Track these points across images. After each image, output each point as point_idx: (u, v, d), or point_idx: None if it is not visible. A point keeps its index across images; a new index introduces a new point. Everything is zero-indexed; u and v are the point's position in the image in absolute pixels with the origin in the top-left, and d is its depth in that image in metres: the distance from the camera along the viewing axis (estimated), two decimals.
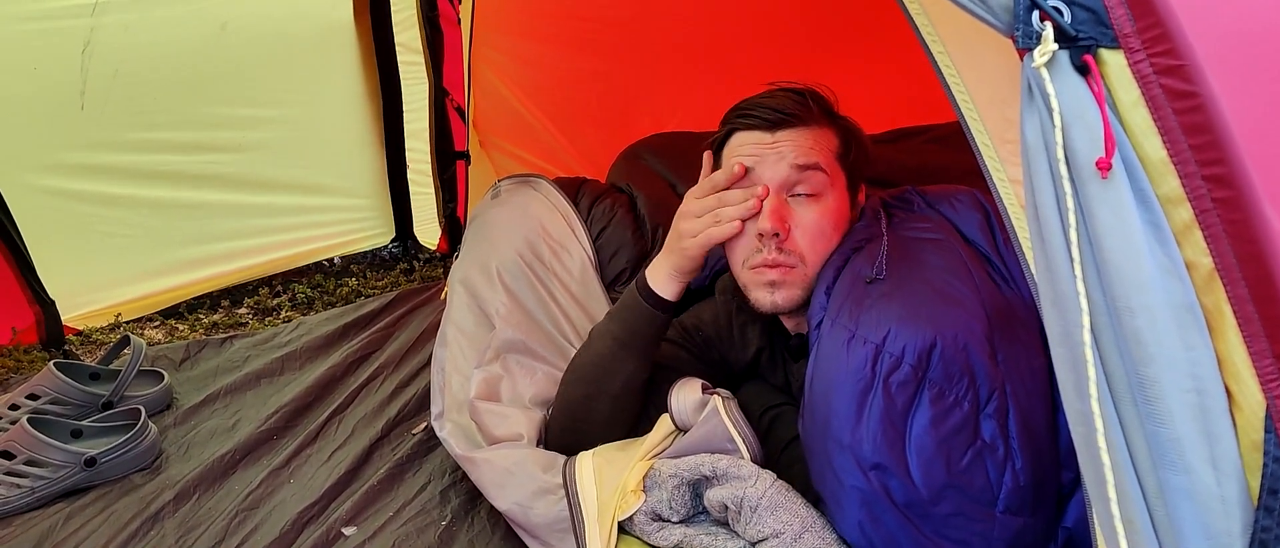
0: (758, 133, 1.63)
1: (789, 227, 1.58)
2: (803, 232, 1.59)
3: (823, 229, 1.60)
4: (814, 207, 1.60)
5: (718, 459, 1.55)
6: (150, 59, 2.74)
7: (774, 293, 1.61)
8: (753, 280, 1.63)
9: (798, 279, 1.60)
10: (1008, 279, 1.49)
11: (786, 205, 1.60)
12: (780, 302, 1.61)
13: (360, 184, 3.33)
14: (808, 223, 1.59)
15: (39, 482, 1.89)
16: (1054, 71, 0.97)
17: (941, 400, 1.36)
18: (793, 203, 1.60)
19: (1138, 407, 0.95)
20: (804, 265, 1.59)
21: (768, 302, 1.62)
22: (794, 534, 1.46)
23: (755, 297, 1.63)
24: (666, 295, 1.70)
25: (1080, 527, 1.39)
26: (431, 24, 3.14)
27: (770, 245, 1.58)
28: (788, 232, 1.58)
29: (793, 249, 1.58)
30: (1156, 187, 0.95)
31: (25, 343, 2.66)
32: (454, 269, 2.31)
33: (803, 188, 1.60)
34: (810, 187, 1.60)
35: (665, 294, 1.70)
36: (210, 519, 1.83)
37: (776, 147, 1.61)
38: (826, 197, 1.61)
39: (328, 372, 2.41)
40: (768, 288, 1.61)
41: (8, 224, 2.54)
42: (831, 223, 1.60)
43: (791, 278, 1.59)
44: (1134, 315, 0.93)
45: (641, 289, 1.71)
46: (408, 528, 1.78)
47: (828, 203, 1.61)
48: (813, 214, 1.60)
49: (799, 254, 1.59)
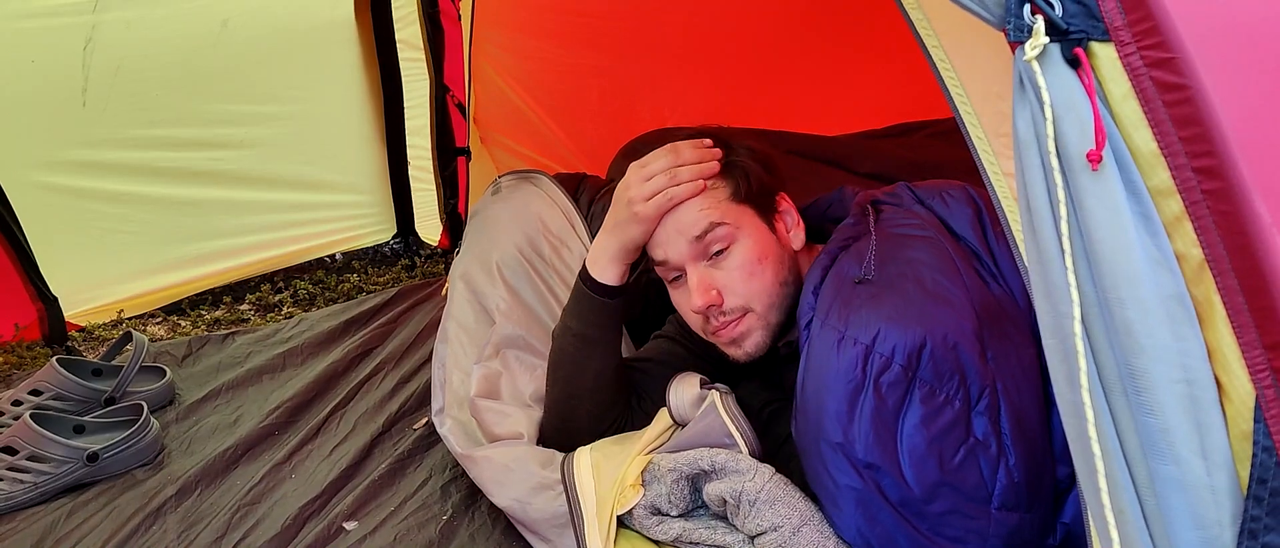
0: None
1: (718, 293, 1.59)
2: (733, 286, 1.59)
3: (750, 270, 1.60)
4: (732, 257, 1.60)
5: (716, 453, 1.56)
6: (152, 56, 2.75)
7: (741, 347, 1.63)
8: (718, 343, 1.66)
9: (755, 325, 1.61)
10: (997, 276, 1.49)
11: (708, 273, 1.60)
12: (752, 350, 1.63)
13: (361, 180, 3.34)
14: (733, 275, 1.60)
15: (42, 477, 1.90)
16: (1045, 64, 0.97)
17: (932, 400, 1.36)
18: (712, 266, 1.61)
19: (1128, 397, 0.95)
20: (754, 310, 1.60)
21: (741, 355, 1.64)
22: (792, 528, 1.47)
23: (730, 355, 1.66)
24: (609, 281, 1.69)
25: (1078, 522, 1.39)
26: (432, 20, 3.14)
27: (713, 314, 1.60)
28: (719, 298, 1.59)
29: (733, 305, 1.60)
30: (1147, 179, 0.95)
31: (28, 339, 2.68)
32: (455, 265, 2.31)
33: (713, 247, 1.60)
34: (719, 243, 1.60)
35: (608, 280, 1.69)
36: (212, 514, 1.84)
37: (673, 223, 1.61)
38: (739, 241, 1.61)
39: (329, 368, 2.42)
40: (733, 346, 1.64)
41: (10, 221, 2.55)
42: (756, 258, 1.60)
43: (748, 327, 1.61)
44: (1124, 307, 0.94)
45: (586, 280, 1.71)
46: (409, 523, 1.78)
47: (743, 246, 1.61)
48: (734, 263, 1.60)
49: (740, 306, 1.60)
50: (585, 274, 1.71)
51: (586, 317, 1.73)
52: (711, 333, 1.64)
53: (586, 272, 1.71)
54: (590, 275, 1.70)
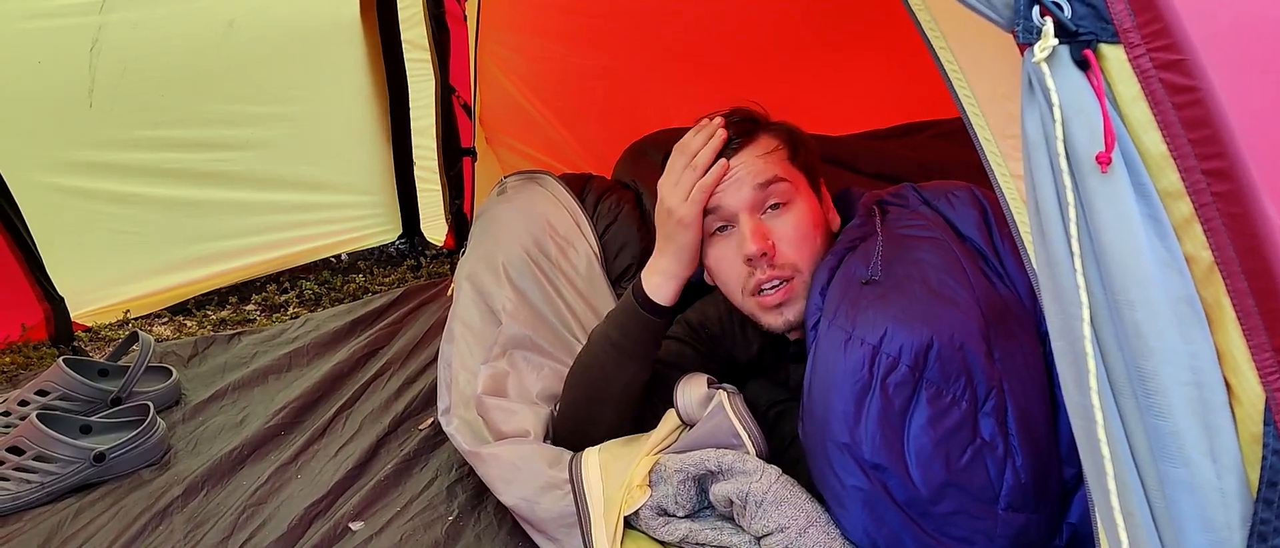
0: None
1: (773, 242, 1.58)
2: (787, 242, 1.59)
3: (804, 233, 1.60)
4: (788, 215, 1.60)
5: (723, 454, 1.56)
6: (158, 57, 2.75)
7: (784, 313, 1.61)
8: (758, 307, 1.62)
9: (799, 289, 1.59)
10: (1003, 276, 1.49)
11: (763, 223, 1.60)
12: (792, 318, 1.61)
13: (367, 181, 3.34)
14: (788, 232, 1.59)
15: (48, 477, 1.91)
16: (1054, 66, 0.97)
17: (939, 400, 1.36)
18: (767, 219, 1.60)
19: (1137, 400, 0.95)
20: (800, 273, 1.59)
21: (780, 322, 1.62)
22: (799, 529, 1.47)
23: (767, 321, 1.63)
24: (662, 301, 1.69)
25: (1084, 522, 1.40)
26: (438, 21, 3.14)
27: (762, 265, 1.58)
28: (773, 248, 1.58)
29: (784, 262, 1.59)
30: (1156, 181, 0.95)
31: (34, 339, 2.68)
32: (461, 265, 2.31)
33: (771, 201, 1.60)
34: (778, 197, 1.60)
35: (661, 300, 1.69)
36: (218, 514, 1.84)
37: (732, 173, 1.61)
38: (795, 202, 1.62)
39: (335, 368, 2.42)
40: (775, 311, 1.61)
41: (17, 221, 2.56)
42: (810, 223, 1.61)
43: (794, 291, 1.59)
44: (1134, 309, 0.94)
45: (639, 297, 1.71)
46: (414, 523, 1.79)
47: (799, 207, 1.62)
48: (790, 222, 1.60)
49: (791, 264, 1.59)
50: (639, 291, 1.70)
51: (629, 330, 1.72)
52: (752, 292, 1.61)
53: (641, 289, 1.70)
54: (644, 293, 1.70)
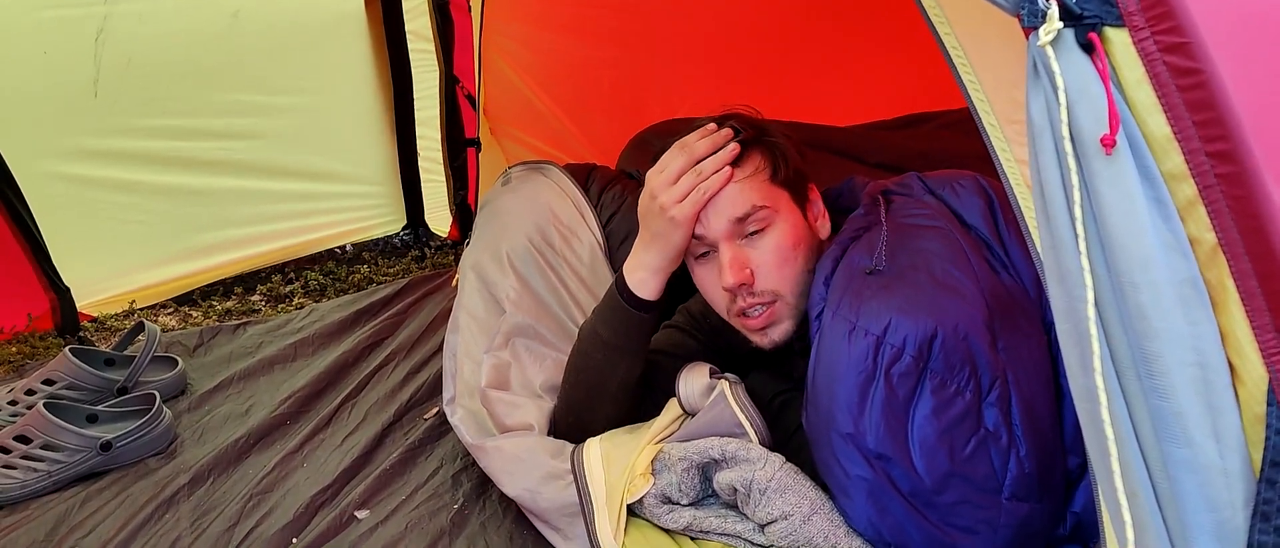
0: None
1: (750, 272, 1.56)
2: (766, 269, 1.57)
3: (784, 256, 1.57)
4: (767, 239, 1.58)
5: (727, 442, 1.56)
6: (163, 47, 2.76)
7: (769, 335, 1.61)
8: (744, 329, 1.62)
9: (783, 312, 1.59)
10: (1008, 266, 1.48)
11: (741, 251, 1.57)
12: (777, 338, 1.61)
13: (371, 171, 3.34)
14: (767, 258, 1.57)
15: (55, 466, 1.91)
16: (1059, 49, 0.97)
17: (943, 390, 1.36)
18: (746, 245, 1.58)
19: (1141, 381, 0.95)
20: (783, 296, 1.58)
21: (767, 342, 1.62)
22: (803, 516, 1.47)
23: (754, 342, 1.63)
24: (647, 296, 1.66)
25: (1088, 511, 1.40)
26: (442, 11, 3.14)
27: (742, 294, 1.57)
28: (751, 278, 1.56)
29: (764, 289, 1.57)
30: (1160, 163, 0.95)
31: (41, 329, 2.69)
32: (465, 256, 2.31)
33: (750, 227, 1.57)
34: (757, 225, 1.57)
35: (647, 295, 1.66)
36: (224, 503, 1.85)
37: (715, 200, 1.58)
38: (775, 224, 1.58)
39: (340, 358, 2.43)
40: (761, 333, 1.61)
41: (23, 211, 2.56)
42: (790, 244, 1.58)
43: (777, 314, 1.59)
44: (1138, 291, 0.94)
45: (623, 292, 1.68)
46: (420, 512, 1.79)
47: (779, 230, 1.58)
48: (769, 247, 1.57)
49: (771, 291, 1.57)
50: (622, 287, 1.68)
51: (618, 327, 1.70)
52: (736, 315, 1.61)
53: (624, 285, 1.68)
54: (628, 289, 1.67)
